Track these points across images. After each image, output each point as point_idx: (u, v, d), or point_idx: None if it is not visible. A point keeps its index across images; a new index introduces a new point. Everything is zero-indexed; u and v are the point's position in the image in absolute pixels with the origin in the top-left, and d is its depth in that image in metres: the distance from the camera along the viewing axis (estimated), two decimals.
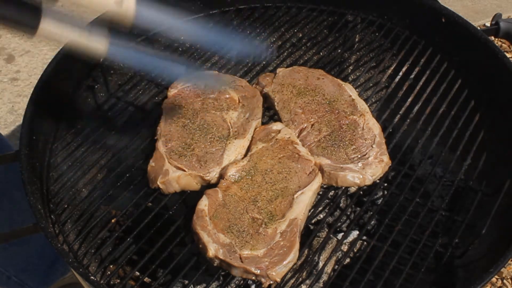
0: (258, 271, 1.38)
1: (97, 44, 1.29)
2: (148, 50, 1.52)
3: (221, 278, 1.75)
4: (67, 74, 1.88)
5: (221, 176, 1.57)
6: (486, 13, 3.65)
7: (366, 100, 1.81)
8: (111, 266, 1.89)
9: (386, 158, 1.63)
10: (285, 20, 2.20)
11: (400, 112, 1.86)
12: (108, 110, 1.94)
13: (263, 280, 1.40)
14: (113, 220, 1.99)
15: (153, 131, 1.71)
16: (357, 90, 1.84)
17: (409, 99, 1.88)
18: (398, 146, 1.75)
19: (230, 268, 1.41)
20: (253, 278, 1.40)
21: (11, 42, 3.37)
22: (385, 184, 1.79)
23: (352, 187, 1.73)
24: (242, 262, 1.39)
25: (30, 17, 1.20)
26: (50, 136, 1.80)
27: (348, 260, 1.82)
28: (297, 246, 1.44)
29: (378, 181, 1.63)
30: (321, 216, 1.86)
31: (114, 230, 1.98)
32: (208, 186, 1.59)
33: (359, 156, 1.62)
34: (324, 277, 1.75)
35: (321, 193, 1.66)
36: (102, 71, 1.98)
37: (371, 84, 2.04)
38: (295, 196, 1.53)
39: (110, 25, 1.33)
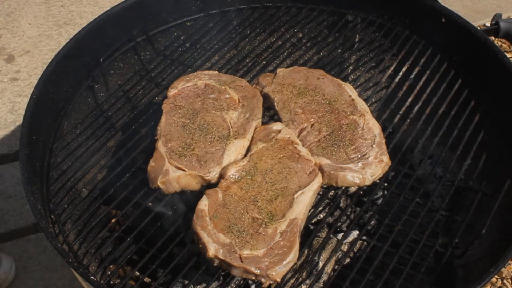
0: (258, 271, 1.38)
1: None
2: None
3: (221, 278, 1.75)
4: (67, 74, 1.88)
5: (221, 176, 1.57)
6: (486, 13, 3.64)
7: (366, 100, 1.81)
8: (111, 266, 1.89)
9: (386, 158, 1.63)
10: (285, 20, 2.21)
11: (400, 112, 1.86)
12: (108, 110, 1.94)
13: (263, 280, 1.39)
14: (113, 220, 2.00)
15: (153, 131, 1.71)
16: (357, 90, 1.84)
17: (409, 99, 1.89)
18: (398, 146, 1.75)
19: (230, 268, 1.41)
20: (253, 278, 1.40)
21: (11, 42, 3.36)
22: (385, 184, 1.79)
23: (352, 187, 1.73)
24: (242, 262, 1.39)
25: None
26: (50, 136, 1.80)
27: (348, 260, 1.82)
28: (297, 246, 1.44)
29: (378, 181, 1.63)
30: (321, 216, 1.86)
31: (114, 230, 1.98)
32: (208, 186, 1.59)
33: (359, 156, 1.62)
34: (324, 277, 1.75)
35: (321, 193, 1.66)
36: (102, 71, 1.97)
37: (371, 84, 2.04)
38: (295, 196, 1.52)
39: None
